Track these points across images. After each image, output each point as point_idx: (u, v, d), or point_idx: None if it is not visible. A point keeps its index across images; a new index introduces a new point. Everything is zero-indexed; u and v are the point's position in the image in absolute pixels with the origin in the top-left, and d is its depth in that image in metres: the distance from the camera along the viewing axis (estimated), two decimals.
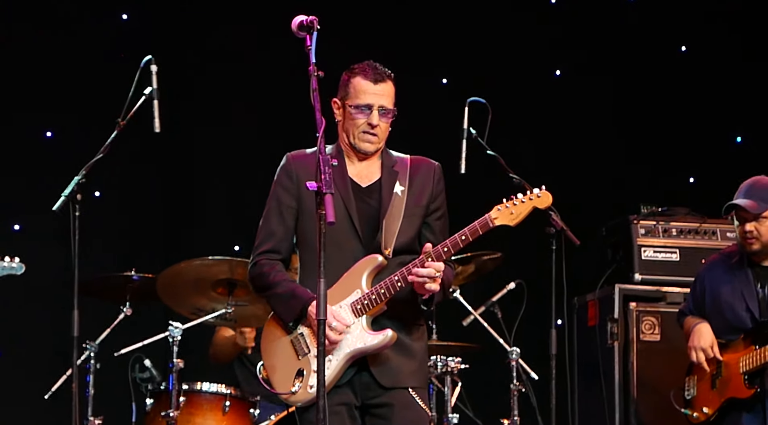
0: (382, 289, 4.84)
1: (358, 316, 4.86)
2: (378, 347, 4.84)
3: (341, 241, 4.87)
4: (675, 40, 9.28)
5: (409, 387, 4.93)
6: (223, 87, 8.53)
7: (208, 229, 8.47)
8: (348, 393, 4.88)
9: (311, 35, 4.55)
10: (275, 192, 5.05)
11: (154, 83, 5.79)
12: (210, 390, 6.65)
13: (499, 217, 4.88)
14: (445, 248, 4.81)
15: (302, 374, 4.88)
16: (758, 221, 6.28)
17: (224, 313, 6.69)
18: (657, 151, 9.00)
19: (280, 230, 4.99)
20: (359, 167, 5.01)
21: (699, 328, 6.44)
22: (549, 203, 4.97)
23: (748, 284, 6.38)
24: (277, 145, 8.40)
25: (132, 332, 6.79)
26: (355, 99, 4.94)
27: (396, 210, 4.94)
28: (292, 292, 4.90)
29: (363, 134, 4.94)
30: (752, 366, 6.23)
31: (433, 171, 5.07)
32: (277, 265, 4.98)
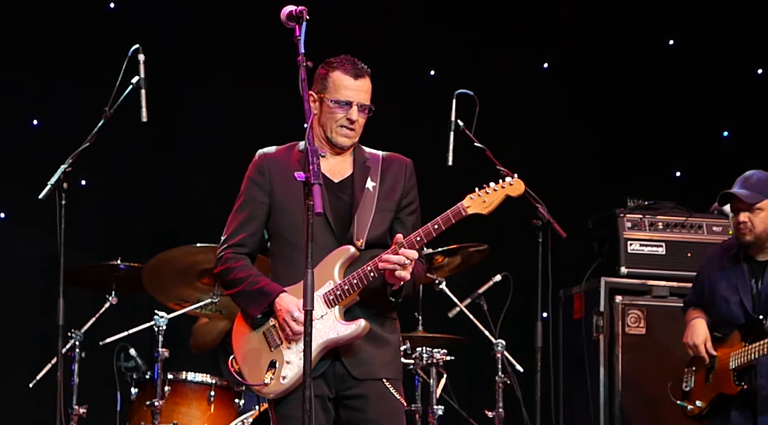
0: (355, 280, 4.83)
1: (331, 307, 4.86)
2: (351, 337, 4.84)
3: (314, 235, 4.76)
4: (663, 34, 9.29)
5: (383, 379, 4.92)
6: (211, 74, 8.51)
7: (194, 219, 8.44)
8: (321, 384, 4.86)
9: (300, 26, 4.53)
10: (247, 188, 5.03)
11: (141, 73, 5.79)
12: (195, 379, 6.66)
13: (472, 205, 4.88)
14: (418, 238, 4.81)
15: (274, 365, 4.87)
16: (752, 212, 6.29)
17: (210, 303, 6.67)
18: (644, 145, 9.00)
19: (250, 225, 4.99)
20: (332, 162, 5.00)
21: (694, 324, 6.45)
22: (521, 191, 4.95)
23: (743, 279, 6.38)
24: (266, 133, 8.43)
25: (117, 321, 6.79)
26: (335, 94, 4.93)
27: (367, 205, 4.95)
28: (259, 287, 4.89)
29: (341, 128, 4.94)
30: (741, 363, 6.24)
31: (405, 167, 5.06)
32: (243, 259, 4.97)
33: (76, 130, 5.97)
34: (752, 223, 6.29)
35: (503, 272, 7.17)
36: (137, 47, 5.79)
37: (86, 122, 5.86)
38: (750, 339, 6.22)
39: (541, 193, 5.81)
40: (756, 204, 6.29)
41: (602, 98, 9.02)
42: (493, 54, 8.88)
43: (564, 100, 9.01)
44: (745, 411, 6.25)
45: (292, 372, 4.83)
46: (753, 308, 6.32)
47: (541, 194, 5.82)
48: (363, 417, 4.88)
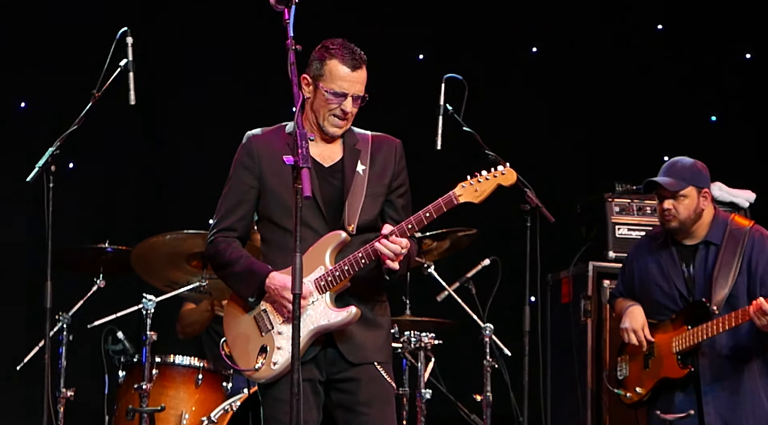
0: (346, 266, 4.83)
1: (322, 293, 4.86)
2: (342, 324, 4.84)
3: (306, 220, 4.82)
4: (652, 18, 9.29)
5: (375, 362, 4.93)
6: (200, 59, 8.50)
7: (182, 202, 8.45)
8: (312, 368, 4.87)
9: (289, 9, 4.51)
10: (236, 171, 5.01)
11: (129, 55, 5.77)
12: (183, 363, 6.66)
13: (464, 194, 4.88)
14: (410, 225, 4.81)
15: (265, 350, 4.88)
16: (676, 200, 6.31)
17: (198, 286, 6.67)
18: (632, 129, 9.02)
19: (240, 209, 4.97)
20: (322, 146, 4.99)
21: (631, 310, 6.47)
22: (513, 181, 4.94)
23: (674, 264, 6.41)
24: (254, 117, 8.42)
25: (105, 304, 6.78)
26: (331, 83, 4.89)
27: (358, 189, 4.93)
28: (249, 268, 4.89)
29: (333, 118, 4.92)
30: (685, 346, 6.27)
31: (395, 149, 5.06)
32: (234, 242, 4.96)
33: (64, 113, 5.96)
34: (676, 210, 6.31)
35: (492, 257, 7.17)
36: (125, 30, 5.77)
37: (74, 104, 5.84)
38: (692, 323, 6.25)
39: (530, 177, 5.82)
40: (680, 191, 6.31)
41: (590, 83, 9.03)
42: (483, 38, 8.87)
43: (553, 84, 9.02)
44: (689, 393, 6.29)
45: (283, 358, 4.83)
46: (687, 292, 6.35)
47: (529, 179, 5.82)
48: (354, 399, 4.89)
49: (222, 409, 6.52)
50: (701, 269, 6.34)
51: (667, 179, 6.32)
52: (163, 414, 6.52)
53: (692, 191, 6.31)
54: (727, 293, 6.24)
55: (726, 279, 6.27)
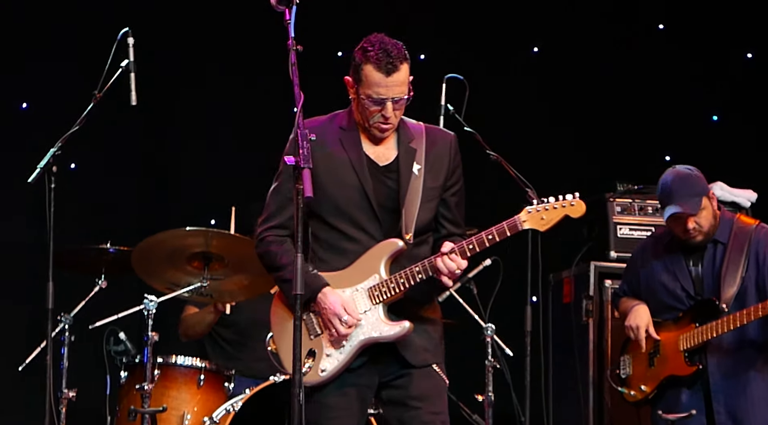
0: (402, 279, 4.74)
1: (375, 303, 4.78)
2: (393, 338, 4.77)
3: (359, 221, 4.77)
4: (653, 17, 9.29)
5: (433, 365, 4.88)
6: (202, 58, 8.50)
7: (184, 203, 8.45)
8: (362, 374, 4.81)
9: (290, 9, 4.49)
10: (286, 167, 4.78)
11: (131, 56, 5.77)
12: (185, 363, 6.65)
13: (528, 220, 4.79)
14: (471, 246, 4.73)
15: (313, 354, 4.79)
16: (697, 216, 6.29)
17: (199, 287, 6.66)
18: (634, 129, 9.01)
19: (290, 206, 4.72)
20: (375, 144, 4.88)
21: (637, 308, 6.47)
22: (582, 213, 4.85)
23: (681, 264, 6.41)
24: (256, 118, 8.46)
25: (107, 305, 6.77)
26: (368, 90, 4.75)
27: (414, 192, 4.81)
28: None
29: (378, 123, 4.80)
30: (693, 344, 6.27)
31: (450, 144, 4.94)
32: (286, 243, 4.81)
33: (66, 113, 5.96)
34: (700, 225, 6.29)
35: (493, 257, 7.16)
36: (126, 30, 5.77)
37: (76, 105, 5.84)
38: (700, 321, 6.25)
39: (531, 177, 5.81)
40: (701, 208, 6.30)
41: (592, 82, 9.02)
42: (484, 38, 8.87)
43: (554, 84, 9.01)
44: (696, 391, 6.29)
45: (332, 366, 4.77)
46: (694, 291, 6.36)
47: (530, 179, 5.82)
48: (407, 394, 4.81)
49: (224, 410, 6.52)
50: (709, 267, 6.35)
51: (688, 203, 6.26)
52: (165, 414, 6.51)
53: (706, 201, 6.31)
54: (735, 291, 6.25)
55: (734, 277, 6.27)
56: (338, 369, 4.76)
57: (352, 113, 4.88)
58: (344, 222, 4.70)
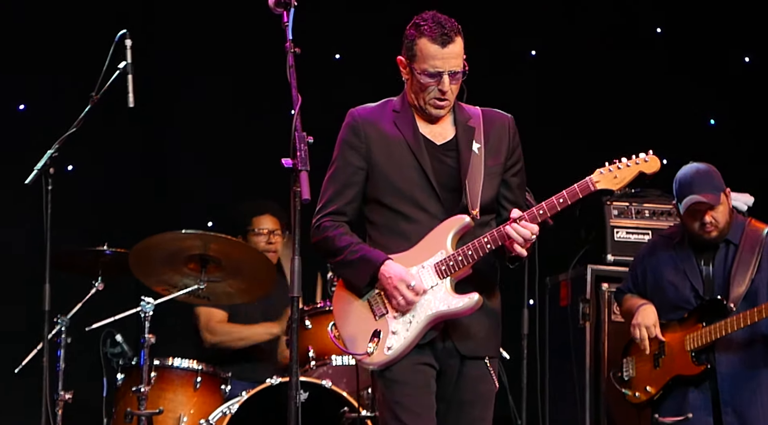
0: (470, 251, 4.60)
1: (443, 278, 4.63)
2: (463, 310, 4.62)
3: (420, 201, 4.67)
4: (651, 21, 9.29)
5: (486, 357, 4.73)
6: (199, 61, 8.49)
7: (181, 205, 8.44)
8: (429, 355, 4.67)
9: (288, 12, 4.48)
10: (342, 152, 4.76)
11: (128, 58, 5.76)
12: (181, 365, 6.66)
13: (602, 180, 4.70)
14: (541, 211, 4.62)
15: (378, 335, 4.65)
16: (714, 210, 6.31)
17: (197, 289, 6.65)
18: (630, 132, 9.01)
19: (347, 191, 4.73)
20: (430, 125, 4.79)
21: (645, 308, 6.48)
22: (657, 168, 4.76)
23: (691, 264, 6.43)
24: (252, 119, 8.45)
25: (104, 306, 6.77)
26: (423, 64, 4.65)
27: (476, 170, 4.71)
28: (363, 256, 4.66)
29: (434, 100, 4.70)
30: (700, 344, 6.28)
31: (508, 125, 4.87)
32: (343, 227, 4.73)
33: (63, 115, 5.95)
34: (716, 220, 6.31)
35: None
36: (124, 32, 5.76)
37: (73, 107, 5.83)
38: (707, 321, 6.26)
39: (528, 180, 5.80)
40: (719, 202, 6.32)
41: (588, 86, 9.02)
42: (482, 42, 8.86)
43: (551, 88, 9.01)
44: (704, 390, 6.30)
45: (398, 344, 4.63)
46: (704, 290, 6.37)
47: (527, 181, 5.81)
48: (458, 396, 4.71)
49: (220, 412, 6.53)
50: (720, 268, 6.36)
51: (708, 195, 6.29)
52: (162, 417, 6.51)
53: (724, 197, 6.34)
54: (744, 291, 6.26)
55: (744, 277, 6.29)
56: (405, 347, 4.62)
57: (405, 96, 4.80)
58: (404, 203, 4.62)
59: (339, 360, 6.75)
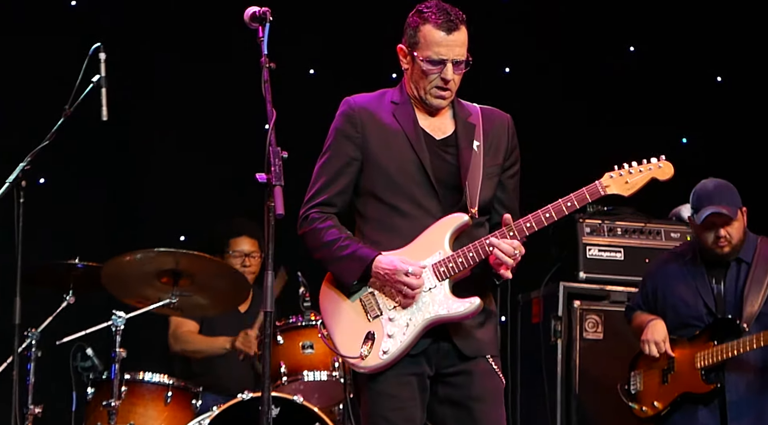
0: (471, 253, 4.44)
1: (441, 280, 4.46)
2: (463, 315, 4.45)
3: (417, 196, 4.50)
4: (625, 39, 9.33)
5: (488, 355, 4.56)
6: (171, 76, 8.48)
7: (153, 218, 8.41)
8: (421, 362, 4.48)
9: (264, 27, 4.44)
10: (336, 141, 4.58)
11: (102, 71, 5.73)
12: (152, 380, 6.63)
13: (612, 185, 4.55)
14: (547, 215, 4.47)
15: (372, 337, 4.45)
16: (730, 225, 6.34)
17: (169, 303, 6.63)
18: (603, 150, 9.03)
19: (338, 181, 4.56)
20: (430, 118, 4.62)
21: (655, 323, 6.51)
22: (670, 175, 4.58)
23: (703, 281, 6.45)
24: (224, 134, 8.44)
25: (75, 320, 6.74)
26: (426, 51, 4.51)
27: (476, 168, 4.54)
28: (353, 251, 4.48)
29: (435, 89, 4.55)
30: (711, 362, 6.30)
31: (507, 125, 4.70)
32: (331, 219, 4.55)
33: (36, 128, 5.93)
34: (730, 235, 6.35)
35: None
36: (98, 45, 5.74)
37: (46, 120, 5.81)
38: (719, 339, 6.28)
39: None
40: (735, 217, 6.35)
41: (561, 100, 9.04)
42: None
43: (525, 105, 9.02)
44: (713, 409, 6.31)
45: (395, 347, 4.44)
46: (716, 308, 6.39)
47: None
48: (466, 394, 4.51)
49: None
50: (732, 286, 6.38)
51: (726, 208, 6.31)
52: None
53: (740, 214, 6.36)
54: (757, 311, 6.29)
55: (757, 296, 6.31)
56: (401, 351, 4.43)
57: (404, 87, 4.66)
58: (400, 198, 4.46)
59: (311, 375, 6.72)
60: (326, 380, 6.70)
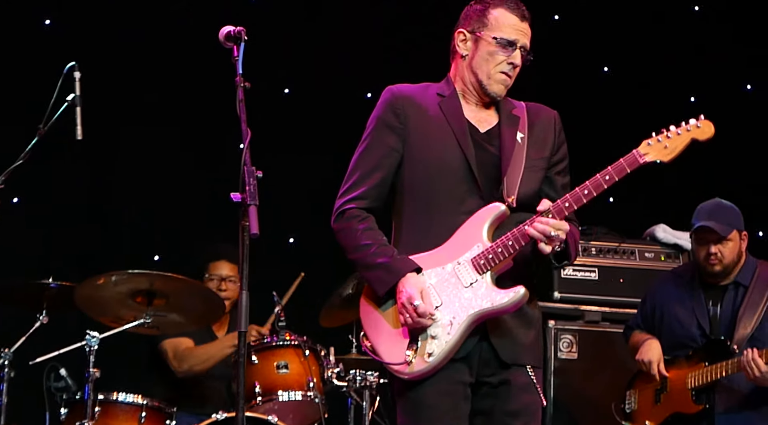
0: (510, 241, 4.24)
1: (482, 273, 4.25)
2: (508, 306, 4.23)
3: (459, 192, 4.33)
4: (597, 60, 9.37)
5: (528, 365, 4.35)
6: (147, 95, 8.47)
7: (127, 238, 8.40)
8: (464, 370, 4.28)
9: (239, 46, 4.45)
10: (376, 130, 4.42)
11: (77, 90, 5.72)
12: (126, 400, 6.59)
13: (650, 152, 4.37)
14: (586, 191, 4.30)
15: (417, 341, 4.24)
16: (722, 244, 6.38)
17: (143, 323, 6.61)
18: (576, 170, 9.05)
19: (376, 173, 4.38)
20: (477, 110, 4.48)
21: (649, 343, 6.55)
22: (711, 134, 4.37)
23: (700, 303, 6.49)
24: (199, 154, 8.43)
25: (48, 340, 6.71)
26: (498, 31, 4.37)
27: (517, 159, 4.35)
28: (385, 263, 4.30)
29: (500, 74, 4.40)
30: (701, 383, 6.33)
31: (554, 120, 4.57)
32: (369, 220, 4.37)
33: (9, 147, 5.91)
34: (722, 254, 6.39)
35: None
36: (73, 64, 5.73)
37: (20, 139, 5.80)
38: (710, 360, 6.30)
39: None
40: (727, 236, 6.38)
41: None
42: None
43: None
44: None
45: (439, 349, 4.23)
46: (710, 330, 6.42)
47: None
48: (503, 407, 4.33)
49: None
50: (728, 309, 6.41)
51: (718, 224, 6.35)
52: None
53: (736, 235, 6.40)
54: (749, 334, 6.31)
55: (750, 320, 6.34)
56: (447, 353, 4.23)
57: (450, 81, 4.52)
58: (440, 194, 4.29)
59: (285, 395, 6.71)
60: (301, 400, 6.69)
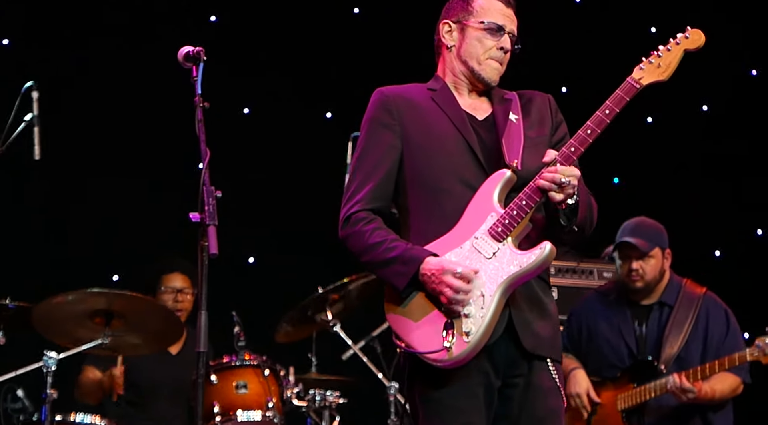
0: (522, 200, 4.13)
1: (502, 239, 4.13)
2: (537, 265, 4.09)
3: (466, 177, 4.23)
4: (557, 80, 9.42)
5: (548, 359, 4.19)
6: (104, 112, 8.45)
7: (85, 258, 8.35)
8: (488, 368, 4.12)
9: (197, 66, 4.46)
10: (371, 131, 4.36)
11: (35, 110, 5.72)
12: (84, 421, 6.54)
13: (645, 76, 4.30)
14: (588, 131, 4.26)
15: (452, 325, 4.07)
16: (644, 260, 6.41)
17: (101, 344, 6.57)
18: None
19: (379, 172, 4.31)
20: (472, 98, 4.43)
21: (574, 374, 6.53)
22: (702, 42, 4.25)
23: (626, 322, 6.50)
24: (157, 174, 8.41)
25: (5, 361, 6.66)
26: (485, 16, 4.35)
27: (514, 133, 4.27)
28: (400, 254, 4.15)
29: (491, 60, 4.36)
30: (631, 404, 6.34)
31: (548, 101, 4.51)
32: (376, 221, 4.25)
33: None
34: (644, 270, 6.41)
35: None
36: (31, 84, 5.72)
37: None
38: (638, 381, 6.32)
39: None
40: (649, 252, 6.42)
41: None
42: None
43: None
44: None
45: (476, 326, 4.06)
46: (637, 350, 6.44)
47: None
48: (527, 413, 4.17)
49: None
50: (654, 329, 6.43)
51: (639, 240, 6.39)
52: None
53: (658, 252, 6.43)
54: (675, 353, 6.33)
55: (676, 339, 6.36)
56: (486, 329, 4.05)
57: (439, 78, 4.48)
58: (447, 179, 4.21)
59: (244, 415, 6.69)
60: (260, 420, 6.67)
